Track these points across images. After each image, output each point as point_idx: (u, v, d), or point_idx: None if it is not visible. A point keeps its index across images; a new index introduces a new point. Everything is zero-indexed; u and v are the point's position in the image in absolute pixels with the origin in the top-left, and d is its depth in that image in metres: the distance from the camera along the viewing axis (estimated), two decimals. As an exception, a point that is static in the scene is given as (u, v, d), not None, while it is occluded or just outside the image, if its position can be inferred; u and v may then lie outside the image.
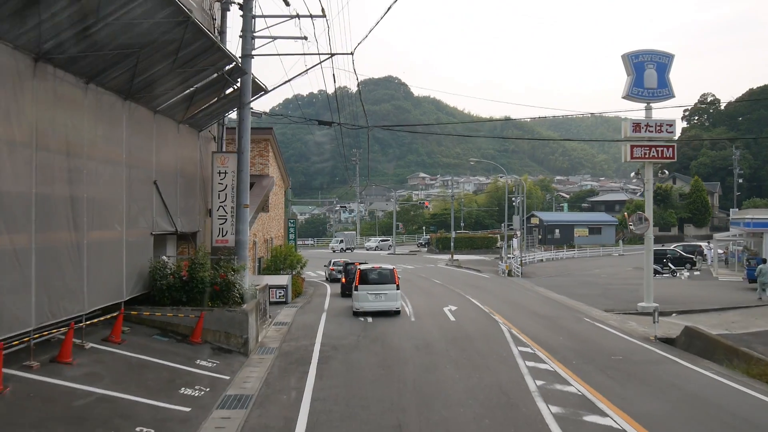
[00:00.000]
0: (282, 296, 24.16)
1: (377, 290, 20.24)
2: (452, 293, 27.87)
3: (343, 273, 28.77)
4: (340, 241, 71.25)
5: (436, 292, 28.23)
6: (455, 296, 26.54)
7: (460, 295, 26.78)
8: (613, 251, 59.33)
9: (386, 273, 20.87)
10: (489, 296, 26.56)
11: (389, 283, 20.45)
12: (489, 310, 21.62)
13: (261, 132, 31.21)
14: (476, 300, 24.74)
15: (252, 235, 26.95)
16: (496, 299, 25.45)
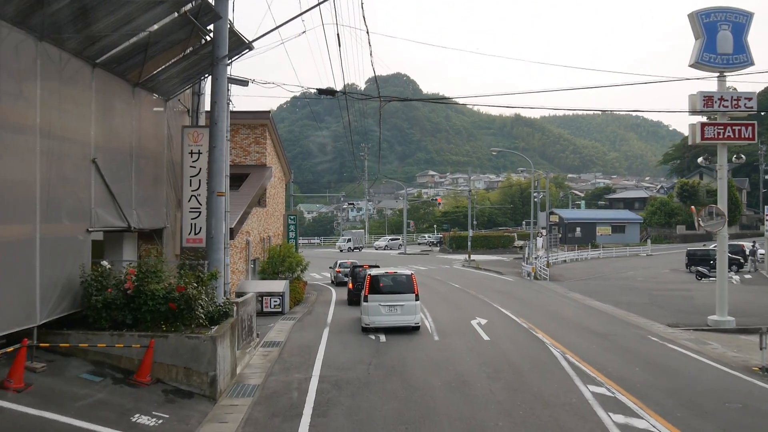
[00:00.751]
0: (277, 305, 20.40)
1: (392, 301, 16.43)
2: (476, 301, 24.02)
3: (350, 277, 25.01)
4: (347, 240, 67.48)
5: (457, 300, 24.38)
6: (481, 305, 22.70)
7: (487, 304, 22.92)
8: (641, 251, 55.21)
9: (402, 280, 17.05)
10: (520, 305, 22.69)
11: (407, 293, 16.62)
12: (527, 324, 17.75)
13: (257, 116, 27.52)
14: (507, 310, 20.89)
15: (244, 233, 23.22)
16: (531, 309, 21.59)
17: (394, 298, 16.50)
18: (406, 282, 16.90)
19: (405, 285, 16.83)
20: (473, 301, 24.08)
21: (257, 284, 21.42)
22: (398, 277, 17.14)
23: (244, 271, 23.20)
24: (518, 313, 20.01)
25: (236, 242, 21.97)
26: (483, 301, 23.71)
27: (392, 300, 16.46)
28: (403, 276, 17.11)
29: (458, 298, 24.87)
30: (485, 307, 22.07)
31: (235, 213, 21.81)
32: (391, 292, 16.69)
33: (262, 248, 26.13)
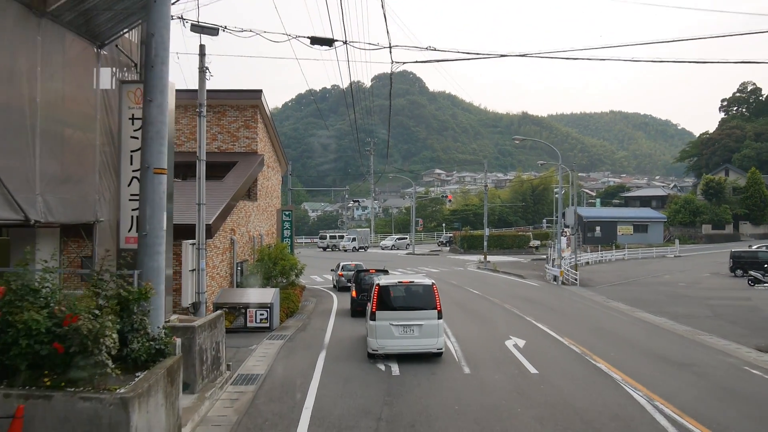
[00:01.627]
0: (264, 319, 16.61)
1: (407, 320, 12.63)
2: (504, 312, 20.18)
3: (353, 283, 21.22)
4: (352, 240, 63.59)
5: (481, 311, 20.55)
6: (510, 318, 18.87)
7: (517, 316, 19.10)
8: (667, 252, 51.18)
9: (420, 292, 13.21)
10: (558, 318, 18.86)
11: (426, 308, 12.80)
12: (578, 347, 13.92)
13: (246, 95, 23.77)
14: (544, 325, 17.06)
15: (228, 231, 19.46)
16: (573, 324, 17.75)
17: (410, 316, 12.70)
18: (424, 295, 13.06)
19: (424, 299, 13.00)
20: (500, 312, 20.24)
21: (241, 293, 17.66)
22: (415, 288, 13.28)
23: (228, 276, 19.45)
24: (560, 330, 16.17)
25: (216, 242, 18.22)
26: (511, 313, 19.87)
27: (407, 318, 12.66)
28: (420, 287, 13.25)
29: (481, 309, 21.03)
30: (516, 321, 18.23)
31: (214, 206, 18.07)
32: (406, 308, 12.89)
33: (252, 249, 22.39)
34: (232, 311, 16.69)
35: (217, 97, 23.66)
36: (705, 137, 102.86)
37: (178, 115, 23.84)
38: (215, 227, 17.33)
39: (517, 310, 20.40)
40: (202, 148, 16.39)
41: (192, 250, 16.15)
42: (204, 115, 16.44)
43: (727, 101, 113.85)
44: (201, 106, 16.31)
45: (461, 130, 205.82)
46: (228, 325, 16.28)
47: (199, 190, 16.27)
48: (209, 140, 23.76)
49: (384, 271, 21.89)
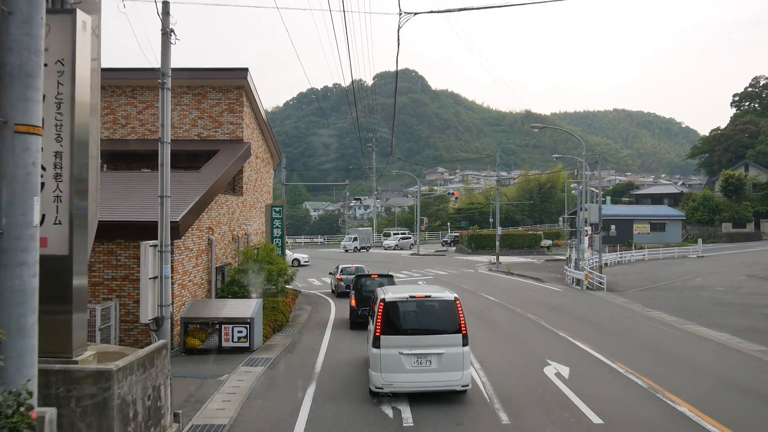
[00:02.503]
0: (243, 338, 13.54)
1: (422, 347, 9.57)
2: (531, 326, 17.10)
3: (353, 290, 18.18)
4: (353, 239, 60.38)
5: (504, 323, 17.47)
6: (542, 333, 15.78)
7: (549, 331, 16.02)
8: (689, 252, 47.98)
9: (439, 309, 10.07)
10: (599, 334, 15.78)
11: (447, 331, 9.73)
12: (641, 378, 10.83)
13: (230, 75, 20.73)
14: (585, 343, 13.99)
15: (204, 230, 16.42)
16: (620, 343, 14.66)
17: (426, 342, 9.62)
18: (445, 313, 9.95)
19: (444, 318, 9.90)
20: (526, 325, 17.15)
21: (216, 306, 14.58)
22: (432, 303, 10.12)
23: (204, 283, 16.39)
24: (607, 352, 13.08)
25: (189, 243, 15.17)
26: (540, 327, 16.78)
27: (422, 345, 9.59)
28: (439, 302, 10.10)
29: (503, 321, 17.95)
30: (549, 337, 15.14)
31: (185, 199, 15.01)
32: (421, 331, 9.80)
33: (236, 251, 19.32)
34: (203, 328, 13.64)
35: (196, 77, 20.65)
36: (717, 133, 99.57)
37: (151, 97, 20.86)
38: (185, 225, 14.28)
39: (545, 322, 17.32)
40: (165, 128, 13.32)
41: (153, 253, 13.10)
42: (168, 88, 13.37)
43: (739, 96, 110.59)
44: (164, 76, 13.25)
45: (464, 129, 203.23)
46: (198, 345, 13.28)
47: (162, 180, 13.20)
48: (188, 126, 20.75)
49: (388, 276, 18.84)
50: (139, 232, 13.70)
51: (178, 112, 20.78)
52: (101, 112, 21.30)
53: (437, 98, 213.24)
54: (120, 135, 20.82)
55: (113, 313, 13.71)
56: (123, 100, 20.85)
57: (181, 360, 12.72)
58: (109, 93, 20.82)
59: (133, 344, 14.01)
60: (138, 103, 20.82)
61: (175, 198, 14.99)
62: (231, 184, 21.08)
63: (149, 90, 20.88)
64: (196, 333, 13.61)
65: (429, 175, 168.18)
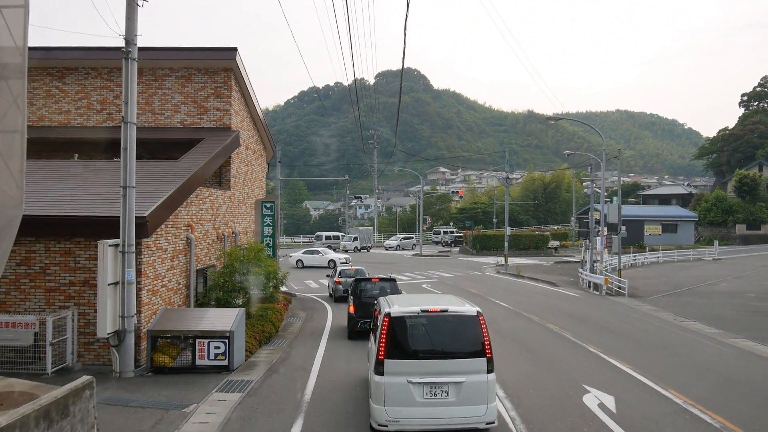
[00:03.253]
0: (220, 355, 11.46)
1: (437, 374, 7.61)
2: (556, 339, 15.00)
3: (351, 296, 16.13)
4: (353, 239, 58.21)
5: (525, 336, 15.36)
6: (571, 349, 13.69)
7: (578, 346, 13.93)
8: (704, 254, 45.84)
9: (457, 326, 8.01)
10: (635, 349, 13.70)
11: (468, 355, 7.76)
12: (709, 414, 8.75)
13: (216, 55, 18.63)
14: (624, 363, 11.92)
15: (182, 228, 14.36)
16: (662, 360, 12.58)
17: (442, 368, 7.61)
18: (465, 331, 7.90)
19: (464, 338, 7.87)
20: (549, 338, 15.05)
21: (190, 316, 12.49)
22: (449, 319, 8.01)
23: (181, 289, 14.31)
24: (655, 375, 11.00)
25: (162, 242, 13.09)
26: (566, 340, 14.69)
27: (437, 371, 7.57)
28: (458, 318, 8.01)
29: (523, 332, 15.84)
30: (580, 354, 13.04)
31: (158, 192, 12.97)
32: (436, 355, 7.77)
33: (221, 251, 17.22)
34: (174, 343, 11.56)
35: (180, 57, 18.59)
36: (725, 133, 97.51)
37: (130, 79, 18.76)
38: (156, 221, 12.19)
39: (569, 334, 15.24)
40: (129, 106, 11.29)
41: (114, 254, 11.06)
42: (133, 59, 11.33)
43: (748, 96, 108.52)
44: (129, 44, 11.23)
45: (466, 129, 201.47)
46: (168, 363, 11.18)
47: (126, 168, 11.19)
48: (170, 112, 18.68)
49: (390, 280, 16.80)
50: (100, 229, 11.63)
51: (160, 96, 18.71)
52: (73, 96, 19.32)
53: (439, 98, 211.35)
54: (95, 121, 18.75)
55: (70, 325, 11.65)
56: (98, 83, 18.78)
57: (146, 382, 10.64)
58: (82, 75, 18.76)
59: (93, 360, 11.96)
60: (115, 86, 18.73)
61: (147, 190, 12.95)
62: (217, 177, 19.02)
63: (127, 72, 18.78)
64: (166, 348, 11.53)
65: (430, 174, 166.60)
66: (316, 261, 38.99)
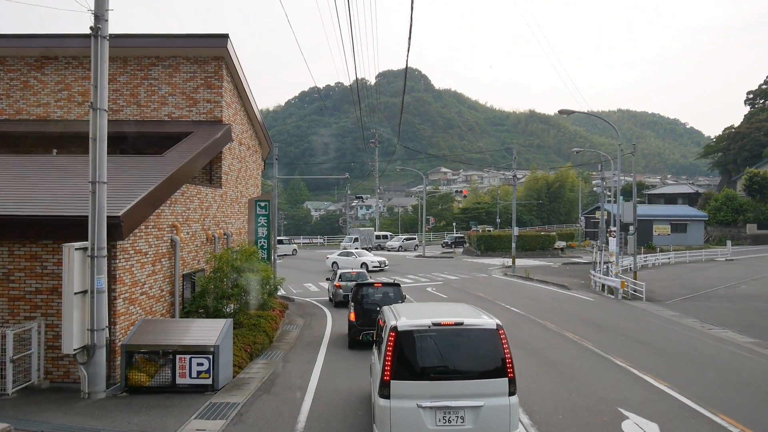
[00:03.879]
0: (204, 373, 10.12)
1: (451, 397, 6.54)
2: (577, 350, 13.66)
3: (352, 302, 14.81)
4: (354, 240, 56.88)
5: (542, 346, 14.00)
6: (595, 362, 12.34)
7: (602, 358, 12.59)
8: (717, 254, 44.44)
9: (474, 342, 6.87)
10: (668, 363, 12.35)
11: (487, 375, 6.69)
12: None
13: (206, 42, 17.31)
14: (661, 381, 10.58)
15: (164, 229, 13.03)
16: (703, 376, 11.25)
17: (457, 390, 6.55)
18: (483, 348, 6.80)
19: (482, 355, 6.78)
20: (572, 350, 13.70)
21: (171, 328, 11.14)
22: (465, 334, 6.85)
23: (164, 296, 12.97)
24: (697, 394, 9.65)
25: (141, 244, 11.78)
26: (590, 352, 13.34)
27: (452, 394, 6.52)
28: (475, 332, 6.87)
29: (542, 344, 14.48)
30: (609, 370, 11.68)
31: (134, 188, 11.64)
32: (449, 374, 6.70)
33: (211, 254, 15.86)
34: (152, 359, 10.23)
35: (167, 45, 17.27)
36: (731, 131, 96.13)
37: (114, 69, 17.48)
38: (132, 221, 10.86)
39: (591, 345, 13.89)
40: (100, 91, 9.99)
41: (81, 259, 9.74)
42: (104, 37, 10.01)
43: (753, 94, 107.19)
44: (98, 20, 9.90)
45: (467, 128, 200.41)
46: (145, 382, 9.87)
47: (95, 161, 9.86)
48: (157, 104, 17.37)
49: (395, 285, 15.48)
50: (69, 231, 10.32)
51: (145, 87, 17.40)
52: (53, 87, 17.99)
53: (440, 97, 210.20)
54: (76, 114, 17.44)
55: (36, 338, 10.34)
56: (80, 73, 17.47)
57: (118, 405, 9.31)
58: (62, 65, 17.45)
59: (62, 378, 10.64)
60: (97, 77, 17.38)
61: (126, 188, 11.64)
62: (207, 174, 17.70)
63: (111, 61, 17.38)
64: (142, 365, 10.20)
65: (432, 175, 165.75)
66: (349, 264, 35.34)
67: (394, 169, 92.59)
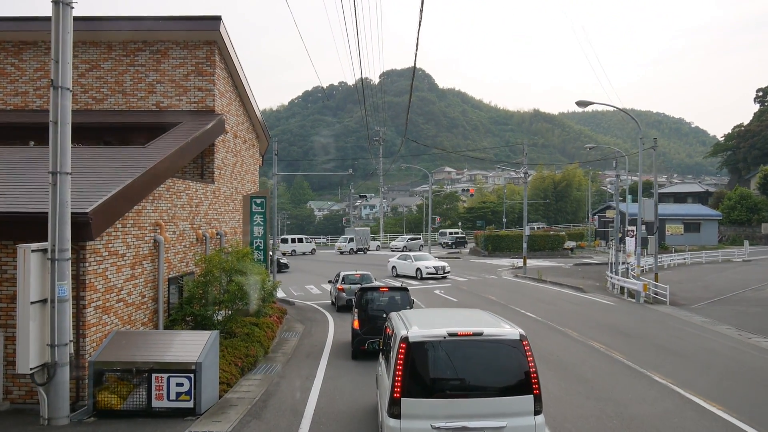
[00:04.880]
0: (184, 394, 8.71)
1: (469, 416, 5.74)
2: (606, 361, 12.21)
3: (356, 308, 13.41)
4: (349, 240, 54.71)
5: (565, 357, 12.56)
6: (628, 376, 10.90)
7: (635, 372, 11.15)
8: (734, 255, 42.89)
9: (494, 356, 6.07)
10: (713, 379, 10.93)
11: (511, 392, 5.87)
12: None
13: (197, 25, 15.90)
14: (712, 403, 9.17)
15: (145, 228, 11.60)
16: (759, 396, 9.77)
17: (476, 409, 5.77)
18: (504, 361, 6.05)
19: (504, 370, 6.04)
20: (600, 362, 12.26)
21: (150, 341, 9.73)
22: (484, 345, 6.04)
23: (148, 302, 11.57)
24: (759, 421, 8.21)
25: (117, 244, 10.39)
26: (621, 365, 11.89)
27: (470, 414, 5.74)
28: (494, 343, 6.05)
29: (566, 355, 13.03)
30: (647, 386, 10.23)
31: (109, 181, 10.26)
32: (467, 391, 5.88)
33: (202, 256, 14.45)
34: (125, 378, 8.84)
35: (154, 28, 15.89)
36: (740, 129, 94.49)
37: (97, 54, 16.12)
38: (104, 219, 9.47)
39: (622, 356, 12.45)
40: (62, 66, 8.59)
41: (40, 262, 8.35)
42: (67, 3, 8.62)
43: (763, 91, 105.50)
44: (63, -16, 8.51)
45: (471, 128, 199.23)
46: (116, 405, 8.48)
47: (57, 148, 8.48)
48: (144, 93, 15.99)
49: (402, 290, 14.08)
50: (30, 230, 8.93)
51: (131, 74, 16.03)
52: (31, 75, 16.61)
53: (444, 97, 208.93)
54: (56, 105, 16.03)
55: (-7, 353, 8.97)
56: (60, 59, 16.05)
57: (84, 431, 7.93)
58: (42, 51, 16.09)
59: (25, 398, 9.26)
60: (80, 63, 16.07)
61: (101, 181, 10.26)
62: (199, 169, 16.32)
63: (94, 46, 16.13)
64: (114, 385, 8.81)
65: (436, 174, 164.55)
66: (406, 269, 31.80)
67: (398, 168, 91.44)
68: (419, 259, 32.12)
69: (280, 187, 43.47)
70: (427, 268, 30.66)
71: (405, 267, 32.02)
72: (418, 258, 32.53)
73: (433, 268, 30.66)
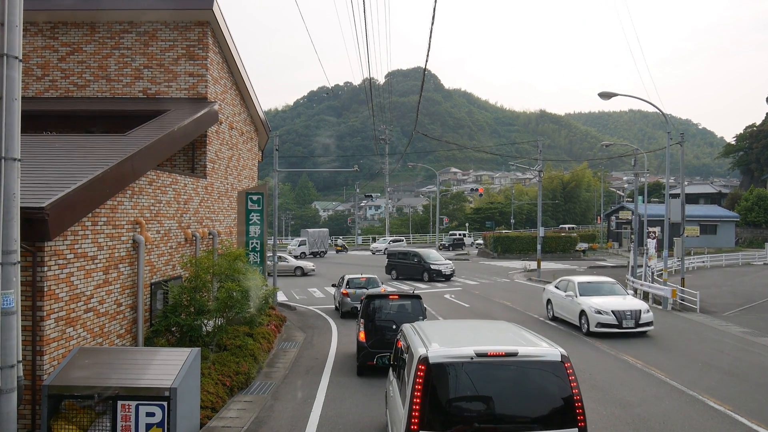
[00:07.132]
0: (155, 426, 7.22)
1: None
2: (649, 382, 10.68)
3: (362, 318, 11.94)
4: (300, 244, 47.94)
5: (593, 371, 11.05)
6: (676, 399, 9.40)
7: (689, 397, 9.65)
8: (754, 257, 41.23)
9: (530, 381, 5.06)
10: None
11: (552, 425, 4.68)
12: None
13: (187, 3, 14.45)
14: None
15: (129, 225, 10.14)
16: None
17: None
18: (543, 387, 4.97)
19: (542, 397, 4.93)
20: (639, 381, 10.72)
21: (119, 359, 8.24)
22: (519, 368, 5.02)
23: (125, 311, 10.09)
24: None
25: (86, 245, 8.92)
26: (665, 385, 10.37)
27: None
28: (530, 365, 5.03)
29: (598, 371, 11.50)
30: (706, 415, 8.71)
31: (78, 173, 8.80)
32: (499, 424, 4.69)
33: (191, 258, 12.96)
34: (86, 405, 7.37)
35: (142, 7, 14.47)
36: (753, 130, 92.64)
37: (80, 37, 14.70)
38: (65, 215, 8.01)
39: (664, 375, 10.91)
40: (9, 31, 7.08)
41: (-20, 266, 6.85)
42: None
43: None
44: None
45: (477, 128, 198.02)
46: (73, 440, 6.96)
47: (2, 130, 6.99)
48: (130, 78, 14.56)
49: (415, 297, 12.54)
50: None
51: (116, 58, 14.60)
52: None
53: (450, 97, 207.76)
54: (34, 90, 14.68)
55: (-69, 373, 7.48)
56: (39, 41, 14.70)
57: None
58: (19, 32, 14.61)
59: (-29, 426, 7.80)
60: (60, 46, 14.68)
61: (68, 173, 8.82)
62: (190, 162, 14.86)
63: (75, 27, 14.72)
64: (73, 415, 7.34)
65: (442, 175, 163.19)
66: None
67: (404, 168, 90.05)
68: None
69: (284, 187, 41.87)
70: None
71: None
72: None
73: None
